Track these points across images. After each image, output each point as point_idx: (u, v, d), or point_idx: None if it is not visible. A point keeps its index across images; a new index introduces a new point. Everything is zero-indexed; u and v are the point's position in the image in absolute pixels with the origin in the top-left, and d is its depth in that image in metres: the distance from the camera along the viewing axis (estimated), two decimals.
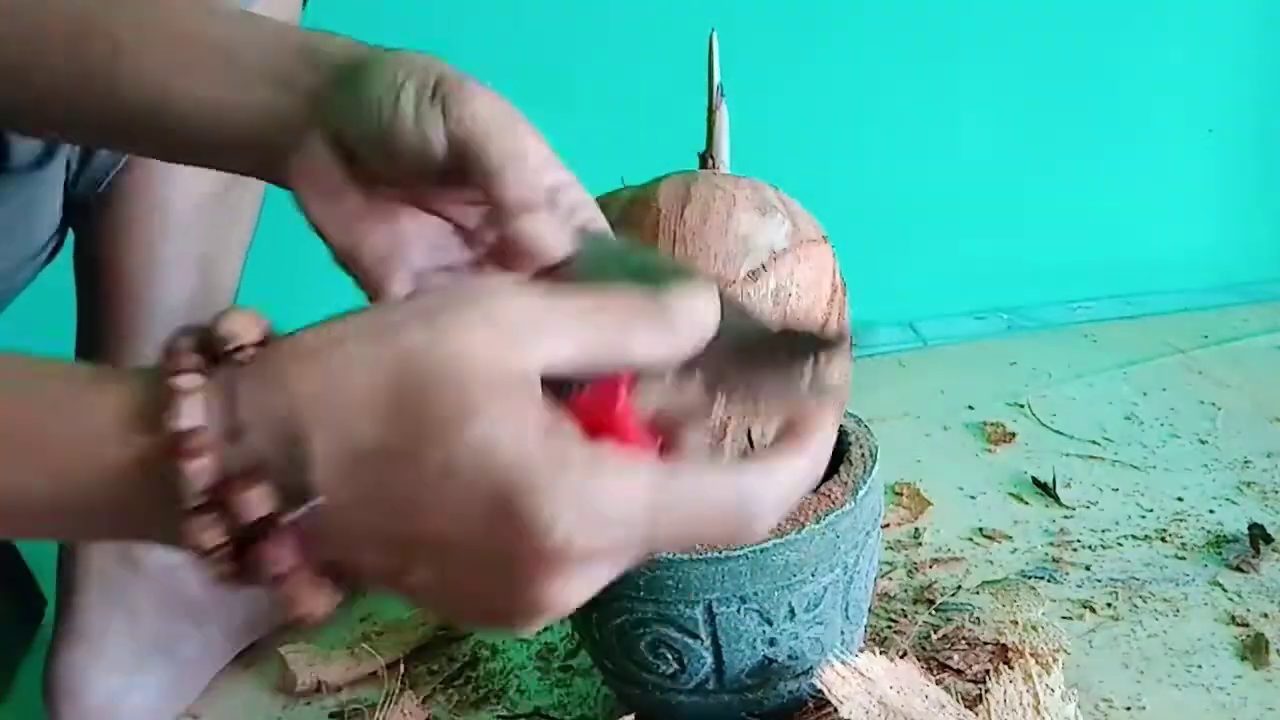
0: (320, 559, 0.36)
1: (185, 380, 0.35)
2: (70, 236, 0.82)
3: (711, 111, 0.69)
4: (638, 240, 0.63)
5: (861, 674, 0.66)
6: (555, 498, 0.34)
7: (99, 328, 0.80)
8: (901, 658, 0.79)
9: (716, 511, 0.37)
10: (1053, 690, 0.68)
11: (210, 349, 0.37)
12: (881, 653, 0.80)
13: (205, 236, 0.80)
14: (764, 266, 0.63)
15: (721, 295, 0.39)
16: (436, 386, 0.34)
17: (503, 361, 0.35)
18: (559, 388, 0.37)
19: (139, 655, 0.82)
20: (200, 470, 0.34)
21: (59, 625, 0.81)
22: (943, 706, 0.67)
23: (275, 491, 0.35)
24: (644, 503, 0.35)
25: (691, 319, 0.38)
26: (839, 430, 0.73)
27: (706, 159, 0.70)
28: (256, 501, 0.35)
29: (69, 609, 0.81)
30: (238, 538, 0.35)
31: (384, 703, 0.80)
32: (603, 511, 0.35)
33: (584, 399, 0.38)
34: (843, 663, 0.66)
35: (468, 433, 0.34)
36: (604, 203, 0.68)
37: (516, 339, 0.35)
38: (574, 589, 0.36)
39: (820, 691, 0.66)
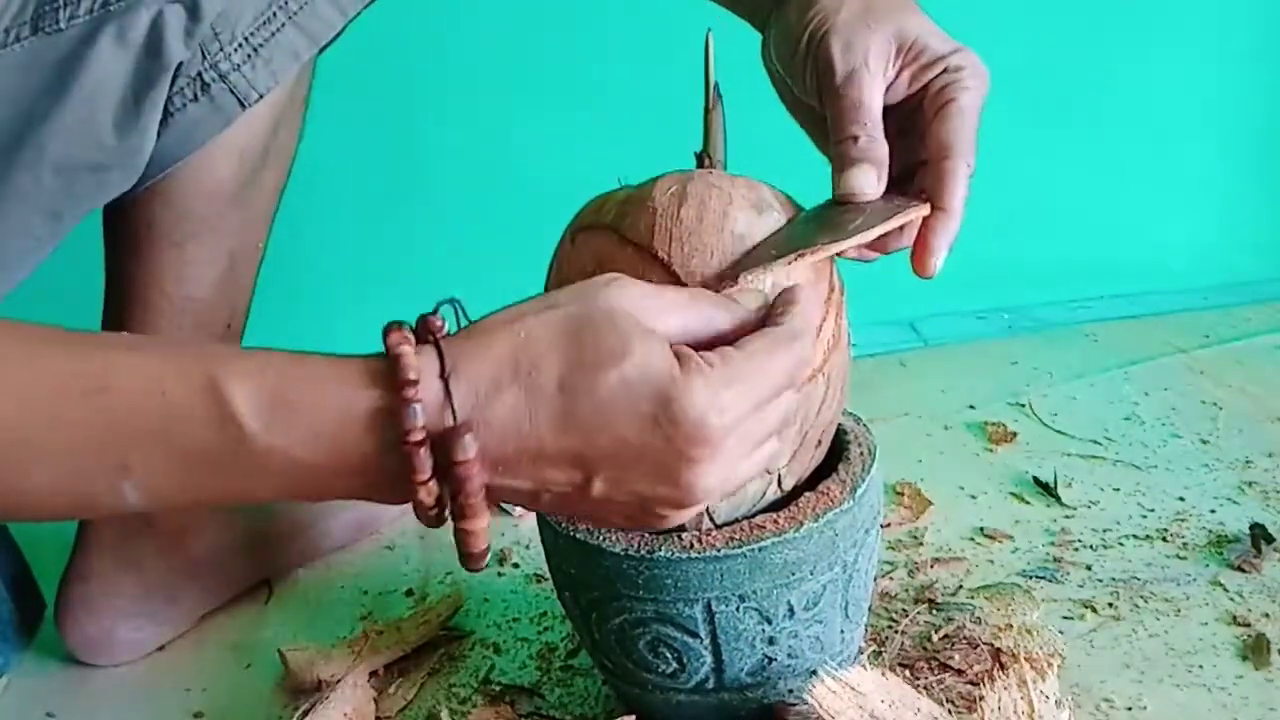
0: (500, 485, 0.49)
1: (406, 348, 0.48)
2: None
3: (708, 111, 0.69)
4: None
5: (853, 688, 0.66)
6: (697, 393, 0.48)
7: (127, 323, 0.82)
8: (900, 664, 0.79)
9: (766, 345, 0.52)
10: (1047, 697, 0.68)
11: (419, 334, 0.50)
12: (880, 652, 0.80)
13: (230, 233, 0.82)
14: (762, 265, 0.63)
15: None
16: (600, 330, 0.49)
17: (641, 315, 0.50)
18: None
19: (142, 598, 0.90)
20: (418, 412, 0.47)
21: (72, 561, 0.90)
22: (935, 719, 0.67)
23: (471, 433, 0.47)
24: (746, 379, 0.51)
25: (748, 308, 0.56)
26: (838, 429, 0.73)
27: (703, 158, 0.70)
28: (467, 443, 0.47)
29: (84, 548, 0.89)
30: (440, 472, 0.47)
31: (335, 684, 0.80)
32: (728, 392, 0.49)
33: None
34: (833, 677, 0.66)
35: (629, 360, 0.48)
36: (601, 202, 0.68)
37: (647, 307, 0.51)
38: (719, 468, 0.50)
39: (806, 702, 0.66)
